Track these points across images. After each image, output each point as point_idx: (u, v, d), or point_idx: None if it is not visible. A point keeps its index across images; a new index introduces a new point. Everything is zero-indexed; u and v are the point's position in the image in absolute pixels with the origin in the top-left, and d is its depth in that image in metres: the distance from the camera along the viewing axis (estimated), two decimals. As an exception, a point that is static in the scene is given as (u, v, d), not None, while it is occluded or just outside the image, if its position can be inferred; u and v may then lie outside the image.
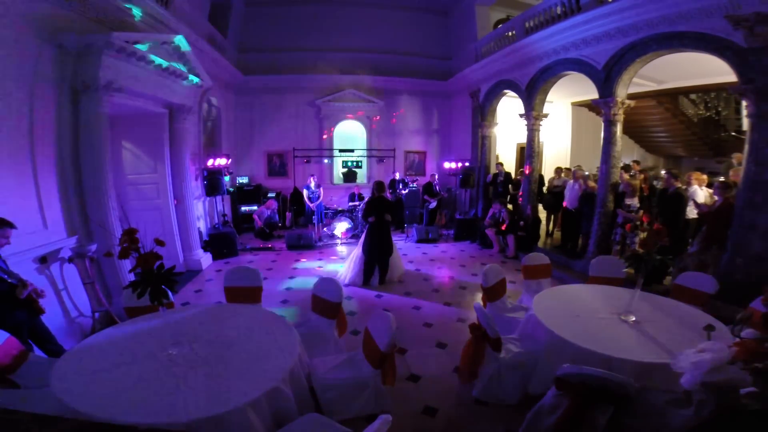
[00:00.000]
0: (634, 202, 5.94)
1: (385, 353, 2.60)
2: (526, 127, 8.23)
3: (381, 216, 6.01)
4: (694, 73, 7.13)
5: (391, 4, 11.29)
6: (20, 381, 2.44)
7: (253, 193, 10.15)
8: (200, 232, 7.51)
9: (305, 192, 9.72)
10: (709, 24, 4.55)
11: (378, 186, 6.14)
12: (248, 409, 1.97)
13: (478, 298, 4.98)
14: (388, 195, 10.39)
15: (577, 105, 10.74)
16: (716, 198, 5.01)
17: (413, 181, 10.64)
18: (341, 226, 9.05)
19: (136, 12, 5.29)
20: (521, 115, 8.26)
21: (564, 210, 7.59)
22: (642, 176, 6.93)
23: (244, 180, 10.59)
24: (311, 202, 9.60)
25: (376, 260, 6.09)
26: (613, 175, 6.16)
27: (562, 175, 8.28)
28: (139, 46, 4.89)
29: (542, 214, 8.83)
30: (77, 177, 4.56)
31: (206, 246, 7.54)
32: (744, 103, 4.62)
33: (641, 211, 5.90)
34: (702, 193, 5.50)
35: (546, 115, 8.11)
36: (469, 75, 10.16)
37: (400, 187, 10.33)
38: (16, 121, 3.80)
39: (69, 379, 2.15)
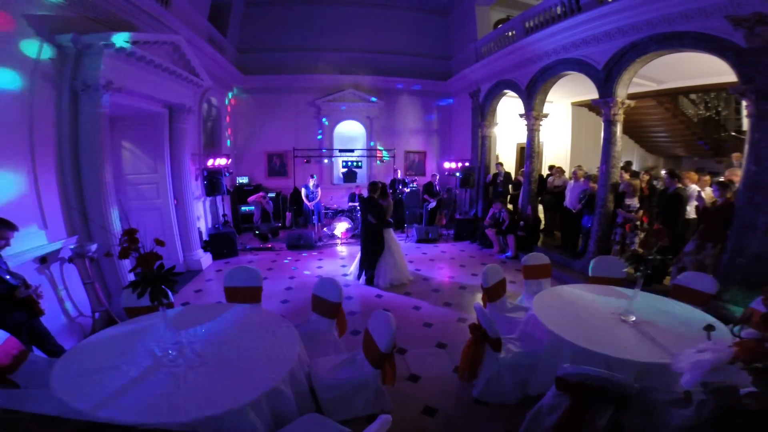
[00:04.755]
0: (634, 202, 5.93)
1: (385, 353, 2.60)
2: (526, 127, 8.23)
3: (365, 216, 6.16)
4: (694, 73, 7.12)
5: (391, 4, 11.29)
6: (20, 381, 2.44)
7: (253, 194, 10.15)
8: (200, 232, 7.51)
9: (303, 191, 9.73)
10: (709, 24, 4.54)
11: (370, 186, 6.24)
12: (248, 409, 1.97)
13: (478, 298, 4.98)
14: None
15: (577, 105, 10.73)
16: (717, 199, 5.00)
17: (412, 181, 10.64)
18: (341, 226, 9.06)
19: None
20: (521, 115, 8.25)
21: (564, 210, 7.59)
22: (646, 177, 6.92)
23: (244, 180, 10.59)
24: (309, 201, 9.61)
25: (364, 258, 6.28)
26: (613, 175, 6.16)
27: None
28: (138, 46, 4.89)
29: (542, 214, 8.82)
30: (77, 177, 4.56)
31: (206, 246, 7.55)
32: (744, 103, 4.61)
33: (641, 211, 5.91)
34: (705, 195, 5.47)
35: (546, 115, 8.11)
36: (469, 75, 10.15)
37: (400, 187, 10.32)
38: (16, 121, 3.80)
39: (69, 379, 2.15)
